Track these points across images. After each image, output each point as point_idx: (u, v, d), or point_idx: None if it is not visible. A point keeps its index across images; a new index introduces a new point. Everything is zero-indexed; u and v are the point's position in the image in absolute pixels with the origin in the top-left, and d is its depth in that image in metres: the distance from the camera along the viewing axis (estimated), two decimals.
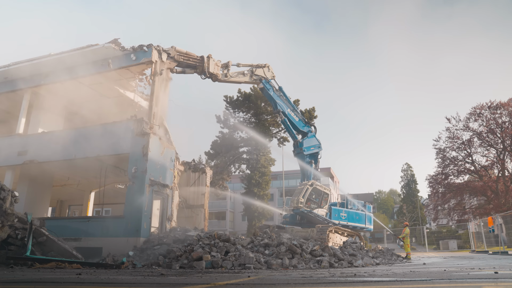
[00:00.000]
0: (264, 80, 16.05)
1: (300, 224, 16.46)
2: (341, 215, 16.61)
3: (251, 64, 16.03)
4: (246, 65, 16.01)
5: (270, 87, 16.23)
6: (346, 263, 10.17)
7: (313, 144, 16.98)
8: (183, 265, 9.05)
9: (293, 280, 5.42)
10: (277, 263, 9.12)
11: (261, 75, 15.98)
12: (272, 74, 16.35)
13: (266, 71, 16.18)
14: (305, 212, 15.53)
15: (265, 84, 16.08)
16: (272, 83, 16.32)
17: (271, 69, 16.35)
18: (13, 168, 14.32)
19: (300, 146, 16.59)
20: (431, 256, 19.04)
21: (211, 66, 14.75)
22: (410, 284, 4.59)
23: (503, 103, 32.22)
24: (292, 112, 16.73)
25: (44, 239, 9.79)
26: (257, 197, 31.60)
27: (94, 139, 13.09)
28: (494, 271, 6.59)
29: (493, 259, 12.38)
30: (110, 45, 12.95)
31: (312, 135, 17.13)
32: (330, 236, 14.43)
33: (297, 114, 17.05)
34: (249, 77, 15.95)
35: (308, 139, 16.88)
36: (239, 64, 15.89)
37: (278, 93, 16.50)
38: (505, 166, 33.20)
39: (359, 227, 17.21)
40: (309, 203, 15.67)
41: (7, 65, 14.57)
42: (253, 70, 15.91)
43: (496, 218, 20.76)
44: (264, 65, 16.20)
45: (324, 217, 15.79)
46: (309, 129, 17.27)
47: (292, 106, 16.92)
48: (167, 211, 13.02)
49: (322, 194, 16.16)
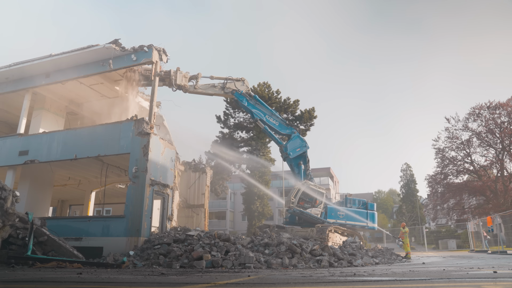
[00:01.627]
0: (236, 92, 15.81)
1: (300, 224, 16.45)
2: (338, 214, 16.46)
3: (225, 77, 15.81)
4: (220, 78, 15.80)
5: (243, 98, 15.98)
6: (345, 263, 10.20)
7: (297, 145, 16.68)
8: (184, 265, 9.08)
9: (293, 280, 5.42)
10: (277, 263, 9.16)
11: (232, 88, 15.75)
12: (246, 88, 16.06)
13: (240, 85, 15.94)
14: (297, 211, 15.50)
15: (237, 96, 15.88)
16: (245, 95, 16.03)
17: (246, 83, 16.09)
18: (14, 168, 14.32)
19: (285, 150, 16.38)
20: (430, 256, 19.08)
21: (178, 78, 14.72)
22: (410, 284, 4.59)
23: (502, 103, 32.29)
24: (270, 118, 16.51)
25: (45, 239, 9.80)
26: (257, 196, 31.62)
27: (94, 139, 13.14)
28: (493, 270, 6.59)
29: (492, 259, 12.39)
30: (110, 45, 12.97)
31: (296, 136, 16.84)
32: (330, 235, 14.37)
33: (276, 118, 16.80)
34: (220, 90, 15.72)
35: (291, 142, 16.60)
36: (212, 77, 15.70)
37: (254, 102, 16.27)
38: (504, 166, 33.27)
39: (359, 225, 17.03)
40: (302, 203, 15.57)
41: (8, 65, 14.58)
42: (224, 83, 15.71)
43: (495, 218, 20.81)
44: (239, 78, 15.99)
45: (318, 216, 15.69)
46: (292, 130, 17.00)
47: (270, 111, 16.72)
48: (168, 210, 13.05)
49: (316, 193, 16.01)
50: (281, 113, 31.67)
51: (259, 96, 31.10)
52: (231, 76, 15.90)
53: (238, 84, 15.93)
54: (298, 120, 32.01)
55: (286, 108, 32.08)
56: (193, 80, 15.29)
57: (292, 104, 32.14)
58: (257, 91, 31.62)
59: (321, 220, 15.62)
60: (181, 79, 14.91)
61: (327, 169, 60.68)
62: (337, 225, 15.87)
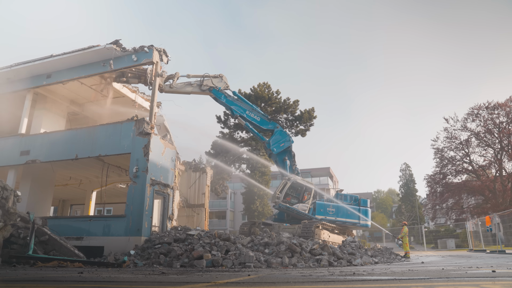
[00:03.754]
0: (214, 89, 15.36)
1: (288, 220, 15.85)
2: (328, 210, 15.77)
3: (202, 75, 15.37)
4: (197, 76, 15.37)
5: (221, 95, 15.48)
6: (345, 262, 10.22)
7: (281, 140, 16.10)
8: (184, 264, 9.09)
9: (292, 279, 5.43)
10: (277, 262, 9.18)
11: (210, 85, 15.33)
12: (225, 84, 15.58)
13: (217, 81, 15.46)
14: (283, 207, 14.87)
15: (215, 93, 15.40)
16: (224, 92, 15.57)
17: (225, 79, 15.62)
18: (16, 168, 14.35)
19: (268, 146, 15.90)
20: (429, 255, 19.10)
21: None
22: (409, 283, 4.58)
23: (500, 103, 32.36)
24: (251, 113, 15.98)
25: (46, 238, 9.85)
26: (257, 196, 31.70)
27: (95, 139, 13.18)
28: (492, 269, 6.58)
29: (490, 258, 12.37)
30: (111, 46, 13.01)
31: (278, 131, 16.26)
32: (317, 232, 13.72)
33: (257, 114, 16.21)
34: (197, 88, 15.23)
35: (274, 137, 16.04)
36: (189, 75, 15.27)
37: (233, 99, 15.80)
38: (503, 166, 33.34)
39: (350, 222, 16.30)
40: (289, 198, 14.98)
41: (9, 66, 14.61)
42: (201, 80, 15.26)
43: (494, 218, 20.88)
44: (217, 75, 15.58)
45: (305, 212, 15.07)
46: (274, 125, 16.40)
47: (250, 107, 16.20)
48: (168, 210, 13.08)
49: (303, 189, 15.43)
50: (281, 113, 31.74)
51: (258, 96, 31.24)
52: (208, 73, 15.42)
53: (215, 81, 15.43)
54: (298, 120, 32.07)
55: (286, 108, 32.14)
56: (170, 80, 14.81)
57: (292, 104, 32.20)
58: (257, 91, 31.69)
59: (308, 217, 14.98)
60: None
61: (326, 168, 60.71)
62: (326, 222, 15.16)
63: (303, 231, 13.55)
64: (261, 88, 32.09)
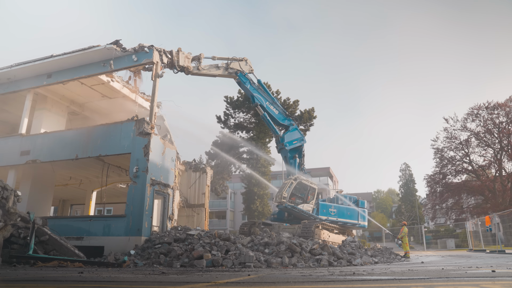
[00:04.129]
0: (240, 73, 15.26)
1: (288, 220, 15.83)
2: (330, 211, 15.88)
3: (228, 57, 15.27)
4: (222, 58, 15.24)
5: (247, 80, 15.44)
6: (345, 262, 10.24)
7: (295, 137, 16.15)
8: (184, 264, 9.09)
9: (292, 279, 5.44)
10: (277, 262, 9.19)
11: (236, 68, 15.20)
12: (250, 68, 15.56)
13: (243, 65, 15.40)
14: (289, 207, 14.84)
15: (241, 78, 15.30)
16: (249, 77, 15.54)
17: (249, 63, 15.56)
18: (16, 168, 14.37)
19: (282, 141, 15.87)
20: (429, 255, 19.12)
21: (181, 59, 14.20)
22: (409, 283, 4.59)
23: (500, 103, 32.41)
24: (271, 106, 15.98)
25: (47, 238, 9.84)
26: (257, 196, 31.71)
27: (96, 139, 13.19)
28: (492, 269, 6.58)
29: (490, 258, 12.39)
30: (111, 46, 13.00)
31: (294, 128, 16.32)
32: (317, 232, 13.77)
33: (277, 107, 16.27)
34: (224, 70, 15.13)
35: (289, 133, 16.07)
36: (214, 57, 15.14)
37: (256, 87, 15.76)
38: (502, 166, 33.39)
39: (350, 223, 16.47)
40: (294, 198, 14.97)
41: (9, 66, 14.62)
42: (228, 63, 15.16)
43: (494, 217, 20.90)
44: (242, 58, 15.44)
45: (309, 212, 15.11)
46: (290, 122, 16.48)
47: (271, 99, 16.19)
48: (168, 210, 13.09)
49: (308, 189, 15.41)
50: None
51: None
52: (234, 56, 15.42)
53: (241, 64, 15.41)
54: (298, 120, 32.11)
55: (286, 108, 32.18)
56: (195, 62, 14.77)
57: (292, 105, 32.25)
58: None
59: (313, 217, 15.03)
60: (184, 60, 14.36)
61: (326, 168, 60.72)
62: (329, 222, 15.28)
63: (303, 231, 13.56)
64: None
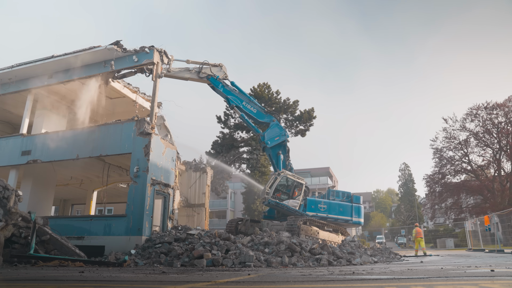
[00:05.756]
0: (212, 77, 15.10)
1: (279, 217, 15.56)
2: (319, 207, 15.40)
3: (202, 61, 15.03)
4: (196, 62, 15.02)
5: (219, 83, 15.23)
6: (344, 261, 10.26)
7: (276, 134, 15.84)
8: (184, 263, 9.11)
9: (292, 278, 5.46)
10: (277, 261, 9.22)
11: (208, 72, 15.05)
12: (224, 74, 15.34)
13: (217, 70, 15.19)
14: (272, 203, 14.56)
15: (212, 81, 15.14)
16: (221, 80, 15.33)
17: (224, 69, 15.37)
18: (17, 168, 14.41)
19: (263, 139, 15.66)
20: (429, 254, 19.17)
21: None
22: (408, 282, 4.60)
23: (499, 103, 32.49)
24: (248, 104, 15.80)
25: (48, 238, 9.86)
26: (257, 196, 31.78)
27: (96, 139, 13.21)
28: (491, 269, 6.59)
29: (489, 257, 12.41)
30: (112, 47, 13.02)
31: (274, 125, 16.02)
32: (303, 228, 13.46)
33: (254, 105, 16.05)
34: (195, 74, 14.91)
35: (270, 130, 15.81)
36: (188, 61, 14.92)
37: (230, 88, 15.59)
38: (501, 166, 33.47)
39: (342, 219, 15.91)
40: (279, 194, 14.68)
41: (10, 66, 14.65)
42: (200, 67, 14.95)
43: (493, 217, 20.97)
44: (218, 64, 15.29)
45: (295, 209, 14.71)
46: (270, 118, 16.19)
47: (247, 98, 15.99)
48: (169, 210, 13.11)
49: (294, 184, 15.07)
50: (281, 113, 31.80)
51: (258, 96, 31.31)
52: (207, 61, 15.14)
53: (214, 70, 15.16)
54: (297, 120, 32.16)
55: (286, 108, 32.23)
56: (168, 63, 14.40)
57: (291, 105, 32.29)
58: (257, 91, 31.76)
59: (299, 213, 14.63)
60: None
61: (326, 168, 60.78)
62: (318, 218, 14.85)
63: (288, 227, 13.33)
64: (261, 89, 32.17)
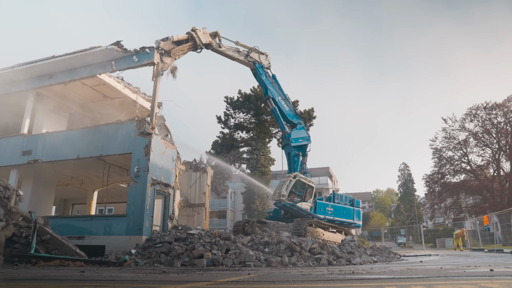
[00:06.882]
0: (258, 64, 15.49)
1: (285, 219, 15.82)
2: (327, 210, 15.95)
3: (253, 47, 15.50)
4: (244, 46, 15.42)
5: (263, 72, 15.68)
6: (344, 261, 10.27)
7: (302, 136, 16.27)
8: (185, 263, 9.13)
9: (292, 278, 5.47)
10: (277, 261, 9.23)
11: (255, 58, 15.46)
12: (268, 63, 15.81)
13: (263, 58, 15.69)
14: (288, 205, 14.82)
15: (258, 69, 15.51)
16: (265, 70, 15.77)
17: (269, 58, 15.84)
18: (18, 168, 14.42)
19: (288, 137, 15.96)
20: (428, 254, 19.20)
21: (202, 37, 14.09)
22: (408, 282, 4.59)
23: (498, 103, 32.54)
24: (283, 101, 16.11)
25: (48, 238, 9.87)
26: (257, 196, 31.82)
27: (97, 139, 13.24)
28: (490, 268, 6.59)
29: (488, 257, 12.42)
30: (112, 47, 13.05)
31: (302, 127, 16.44)
32: (310, 230, 13.74)
33: (288, 104, 16.36)
34: (244, 57, 15.32)
35: (297, 131, 16.20)
36: (238, 42, 15.30)
37: (271, 80, 15.97)
38: (501, 166, 33.53)
39: (346, 222, 16.53)
40: (292, 196, 14.94)
41: (11, 67, 14.67)
42: (249, 52, 15.37)
43: (492, 217, 21.03)
44: (263, 52, 15.72)
45: (308, 211, 15.11)
46: (299, 120, 16.60)
47: (283, 95, 16.29)
48: (169, 209, 13.14)
49: (306, 187, 15.41)
50: None
51: (258, 96, 31.33)
52: (257, 47, 15.66)
53: (261, 57, 15.69)
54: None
55: None
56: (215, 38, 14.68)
57: None
58: (257, 91, 31.77)
59: (311, 215, 15.06)
60: (204, 37, 14.14)
61: (326, 168, 60.84)
62: (326, 221, 15.28)
63: (295, 229, 13.53)
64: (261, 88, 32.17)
